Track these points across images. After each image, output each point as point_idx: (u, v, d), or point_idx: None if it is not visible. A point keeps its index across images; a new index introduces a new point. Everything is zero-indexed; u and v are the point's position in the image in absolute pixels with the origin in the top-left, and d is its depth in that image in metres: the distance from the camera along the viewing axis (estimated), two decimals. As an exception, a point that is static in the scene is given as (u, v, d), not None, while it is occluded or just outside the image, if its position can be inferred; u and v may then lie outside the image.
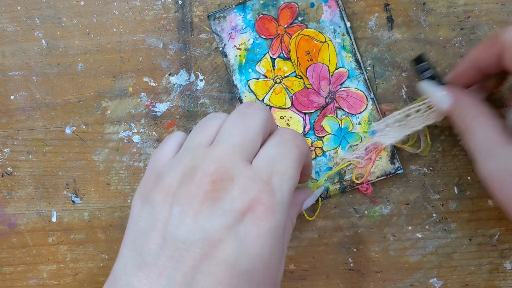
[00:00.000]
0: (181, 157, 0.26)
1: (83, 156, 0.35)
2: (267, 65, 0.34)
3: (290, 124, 0.34)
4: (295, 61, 0.33)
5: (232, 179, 0.23)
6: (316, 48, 0.33)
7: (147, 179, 0.27)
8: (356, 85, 0.33)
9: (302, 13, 0.33)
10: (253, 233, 0.22)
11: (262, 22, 0.33)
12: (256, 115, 0.26)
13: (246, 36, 0.33)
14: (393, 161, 0.33)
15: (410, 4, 0.33)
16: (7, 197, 0.36)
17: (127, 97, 0.35)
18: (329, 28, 0.33)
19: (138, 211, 0.25)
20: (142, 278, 0.22)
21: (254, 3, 0.33)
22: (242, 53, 0.34)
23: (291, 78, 0.34)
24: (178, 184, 0.24)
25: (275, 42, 0.34)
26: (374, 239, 0.35)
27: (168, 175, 0.25)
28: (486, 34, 0.33)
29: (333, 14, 0.33)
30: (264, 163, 0.24)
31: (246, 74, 0.34)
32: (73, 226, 0.35)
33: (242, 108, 0.27)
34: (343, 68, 0.33)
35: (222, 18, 0.33)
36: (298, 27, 0.33)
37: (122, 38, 0.34)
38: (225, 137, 0.25)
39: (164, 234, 0.23)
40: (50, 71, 0.35)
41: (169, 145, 0.28)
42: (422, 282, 0.34)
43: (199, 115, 0.34)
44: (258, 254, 0.22)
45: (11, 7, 0.34)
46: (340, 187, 0.34)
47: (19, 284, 0.36)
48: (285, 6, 0.33)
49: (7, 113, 0.35)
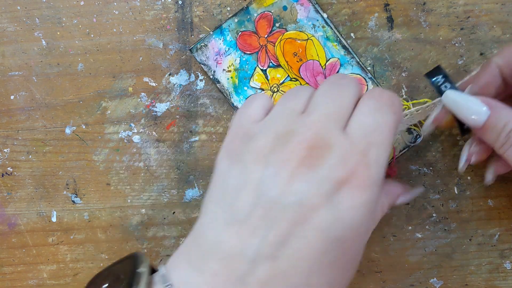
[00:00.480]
0: (272, 120, 0.25)
1: (83, 156, 0.35)
2: (260, 78, 0.34)
3: None
4: (286, 66, 0.34)
5: (330, 148, 0.23)
6: (302, 47, 0.33)
7: (233, 138, 0.26)
8: (351, 70, 0.34)
9: (278, 19, 0.33)
10: (348, 204, 0.22)
11: (243, 39, 0.34)
12: (349, 86, 0.25)
13: (232, 57, 0.34)
14: (410, 131, 0.33)
15: (410, 4, 0.33)
16: (7, 197, 0.36)
17: (127, 97, 0.35)
18: (308, 24, 0.33)
19: (226, 169, 0.25)
20: (233, 234, 0.22)
21: (229, 23, 0.33)
22: (233, 74, 0.34)
23: (287, 83, 0.34)
24: (272, 146, 0.24)
25: (261, 54, 0.34)
26: (374, 239, 0.34)
27: (260, 136, 0.24)
28: (486, 34, 0.33)
29: (307, 10, 0.33)
30: (361, 133, 0.24)
31: (243, 93, 0.34)
32: (73, 226, 0.35)
33: (335, 78, 0.26)
34: (333, 58, 0.34)
35: (204, 46, 0.33)
36: (278, 33, 0.33)
37: (122, 38, 0.34)
38: (320, 106, 0.25)
39: (258, 193, 0.22)
40: (50, 71, 0.35)
41: (256, 106, 0.27)
42: (422, 282, 0.34)
43: (199, 115, 0.34)
44: (351, 224, 0.22)
45: (11, 7, 0.34)
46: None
47: (19, 284, 0.36)
48: (260, 17, 0.33)
49: (7, 113, 0.35)
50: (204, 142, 0.35)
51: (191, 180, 0.35)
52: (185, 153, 0.35)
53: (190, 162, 0.35)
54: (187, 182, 0.35)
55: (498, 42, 0.33)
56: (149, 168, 0.35)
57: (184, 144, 0.35)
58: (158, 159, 0.35)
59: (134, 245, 0.35)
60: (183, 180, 0.35)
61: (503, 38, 0.33)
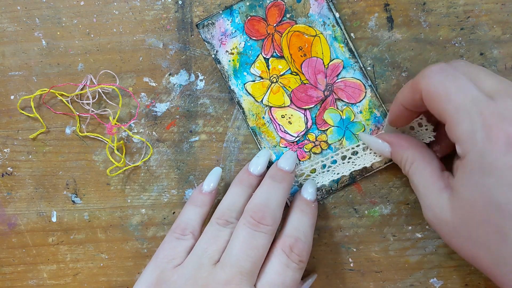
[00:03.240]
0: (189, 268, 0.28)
1: (83, 156, 0.35)
2: (262, 66, 0.34)
3: (292, 122, 0.34)
4: (289, 58, 0.33)
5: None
6: (308, 42, 0.33)
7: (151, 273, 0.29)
8: (352, 74, 0.33)
9: (290, 10, 0.33)
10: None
11: (251, 23, 0.33)
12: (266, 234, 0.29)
13: (237, 39, 0.33)
14: None
15: (410, 4, 0.33)
16: (7, 197, 0.36)
17: (127, 97, 0.35)
18: (318, 21, 0.33)
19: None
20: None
21: (240, 6, 0.33)
22: (235, 57, 0.34)
23: (287, 76, 0.34)
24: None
25: (267, 42, 0.33)
26: (374, 239, 0.35)
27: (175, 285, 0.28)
28: (486, 34, 0.33)
29: (320, 6, 0.33)
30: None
31: (241, 77, 0.34)
32: (73, 226, 0.35)
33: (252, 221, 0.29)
34: (337, 59, 0.33)
35: (211, 24, 0.33)
36: (287, 24, 0.33)
37: (122, 38, 0.34)
38: (234, 260, 0.27)
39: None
40: (50, 71, 0.35)
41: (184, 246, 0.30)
42: (422, 282, 0.34)
43: (199, 115, 0.34)
44: None
45: (11, 7, 0.34)
46: (350, 177, 0.34)
47: (19, 284, 0.36)
48: (272, 5, 0.33)
49: (7, 113, 0.35)
50: (204, 142, 0.35)
51: (191, 180, 0.35)
52: (185, 153, 0.35)
53: (190, 162, 0.35)
54: (187, 182, 0.35)
55: (498, 42, 0.33)
56: (149, 168, 0.35)
57: (184, 144, 0.35)
58: (158, 159, 0.35)
59: (134, 245, 0.35)
60: (183, 180, 0.35)
61: (503, 38, 0.33)
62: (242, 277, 0.27)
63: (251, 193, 0.31)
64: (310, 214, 0.31)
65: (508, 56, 0.33)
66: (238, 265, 0.27)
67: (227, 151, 0.35)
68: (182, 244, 0.30)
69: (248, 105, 0.34)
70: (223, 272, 0.27)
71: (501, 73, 0.33)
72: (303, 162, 0.34)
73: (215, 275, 0.27)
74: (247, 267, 0.27)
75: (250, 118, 0.34)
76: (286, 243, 0.29)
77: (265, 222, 0.29)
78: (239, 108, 0.34)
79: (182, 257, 0.29)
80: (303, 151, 0.34)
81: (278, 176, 0.31)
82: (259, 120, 0.34)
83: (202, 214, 0.32)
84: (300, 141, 0.34)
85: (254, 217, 0.29)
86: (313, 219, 0.31)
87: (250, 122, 0.34)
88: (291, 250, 0.29)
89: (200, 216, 0.32)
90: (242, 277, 0.27)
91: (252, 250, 0.28)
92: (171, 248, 0.30)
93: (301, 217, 0.31)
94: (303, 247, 0.29)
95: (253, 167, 0.32)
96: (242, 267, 0.27)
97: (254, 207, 0.29)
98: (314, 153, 0.34)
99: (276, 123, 0.34)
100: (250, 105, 0.34)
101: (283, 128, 0.34)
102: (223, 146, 0.34)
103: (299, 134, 0.34)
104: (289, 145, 0.34)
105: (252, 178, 0.32)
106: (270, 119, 0.34)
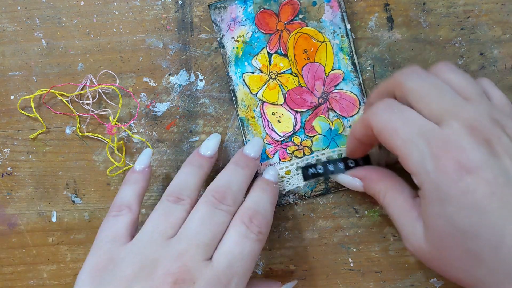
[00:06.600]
0: (139, 245, 0.27)
1: (83, 156, 0.35)
2: (264, 60, 0.34)
3: (281, 121, 0.34)
4: (292, 59, 0.33)
5: (194, 282, 0.25)
6: (314, 47, 0.33)
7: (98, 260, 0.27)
8: (350, 88, 0.33)
9: (304, 11, 0.33)
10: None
11: (263, 16, 0.33)
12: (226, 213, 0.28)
13: (245, 28, 0.33)
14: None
15: (410, 4, 0.33)
16: (7, 197, 0.36)
17: (127, 97, 0.35)
18: (329, 28, 0.33)
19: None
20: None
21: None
22: (240, 46, 0.34)
23: (286, 75, 0.34)
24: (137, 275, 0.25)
25: (274, 38, 0.33)
26: (374, 239, 0.35)
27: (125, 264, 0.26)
28: (486, 34, 0.33)
29: (334, 14, 0.33)
30: (226, 263, 0.26)
31: (242, 67, 0.34)
32: (73, 226, 0.35)
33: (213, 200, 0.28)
34: (339, 70, 0.33)
35: (223, 8, 0.33)
36: (298, 25, 0.33)
37: (122, 38, 0.34)
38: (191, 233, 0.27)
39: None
40: (50, 71, 0.35)
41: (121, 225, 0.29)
42: (422, 282, 0.34)
43: (199, 115, 0.34)
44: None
45: (11, 7, 0.34)
46: (325, 187, 0.34)
47: (19, 284, 0.36)
48: (287, 2, 0.33)
49: (7, 113, 0.35)
50: (204, 142, 0.35)
51: (191, 180, 0.35)
52: (185, 153, 0.35)
53: (190, 162, 0.35)
54: (187, 182, 0.35)
55: (498, 42, 0.33)
56: (149, 168, 0.35)
57: (184, 144, 0.35)
58: (158, 159, 0.35)
59: (134, 245, 0.35)
60: (183, 180, 0.35)
61: (503, 38, 0.33)
62: (198, 249, 0.26)
63: (201, 174, 0.31)
64: (271, 192, 0.31)
65: (508, 56, 0.33)
66: (196, 238, 0.26)
67: (227, 151, 0.35)
68: (119, 220, 0.29)
69: (242, 95, 0.34)
70: (178, 244, 0.26)
71: (501, 73, 0.33)
72: (283, 162, 0.34)
73: (169, 248, 0.26)
74: (205, 240, 0.26)
75: (242, 108, 0.34)
76: (246, 214, 0.28)
77: (226, 202, 0.28)
78: (233, 96, 0.34)
79: (124, 234, 0.28)
80: (285, 152, 0.34)
81: (241, 161, 0.31)
82: (249, 112, 0.34)
83: (138, 190, 0.31)
84: (285, 142, 0.34)
85: (216, 196, 0.28)
86: (273, 197, 0.31)
87: (240, 112, 0.34)
88: (250, 220, 0.28)
89: (135, 193, 0.31)
90: (198, 249, 0.26)
91: (212, 225, 0.27)
92: (109, 227, 0.29)
93: (261, 194, 0.30)
94: (262, 219, 0.28)
95: (203, 149, 0.32)
96: (199, 239, 0.26)
97: (216, 188, 0.29)
98: (296, 157, 0.34)
99: (266, 119, 0.34)
100: (244, 96, 0.34)
101: (271, 125, 0.34)
102: (223, 146, 0.35)
103: (286, 135, 0.34)
104: (273, 143, 0.34)
105: (202, 160, 0.31)
106: (261, 114, 0.34)
